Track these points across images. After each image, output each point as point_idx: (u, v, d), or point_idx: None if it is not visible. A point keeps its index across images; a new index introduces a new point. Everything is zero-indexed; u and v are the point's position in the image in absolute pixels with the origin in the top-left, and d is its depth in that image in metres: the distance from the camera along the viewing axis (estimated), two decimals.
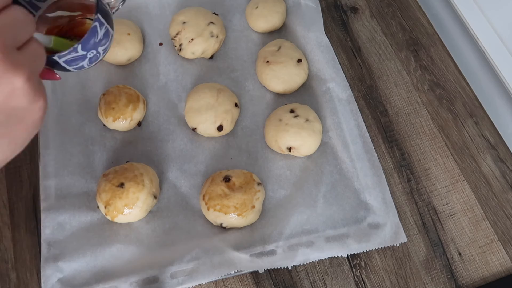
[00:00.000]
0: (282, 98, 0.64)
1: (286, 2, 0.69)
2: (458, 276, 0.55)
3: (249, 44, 0.68)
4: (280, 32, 0.69)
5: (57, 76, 0.43)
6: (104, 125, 0.61)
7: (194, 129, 0.60)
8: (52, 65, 0.42)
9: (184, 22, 0.65)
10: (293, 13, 0.68)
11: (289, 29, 0.68)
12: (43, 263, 0.52)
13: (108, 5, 0.45)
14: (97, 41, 0.42)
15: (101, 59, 0.45)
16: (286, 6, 0.69)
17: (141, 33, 0.67)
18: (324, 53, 0.64)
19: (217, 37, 0.65)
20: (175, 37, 0.65)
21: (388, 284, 0.55)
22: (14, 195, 0.58)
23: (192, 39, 0.64)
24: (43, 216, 0.54)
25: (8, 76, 0.31)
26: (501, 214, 0.59)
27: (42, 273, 0.51)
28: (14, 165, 0.60)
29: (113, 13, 0.48)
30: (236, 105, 0.61)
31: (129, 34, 0.64)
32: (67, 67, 0.43)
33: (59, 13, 0.46)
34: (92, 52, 0.42)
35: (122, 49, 0.63)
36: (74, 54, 0.41)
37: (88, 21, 0.46)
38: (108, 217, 0.54)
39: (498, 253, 0.57)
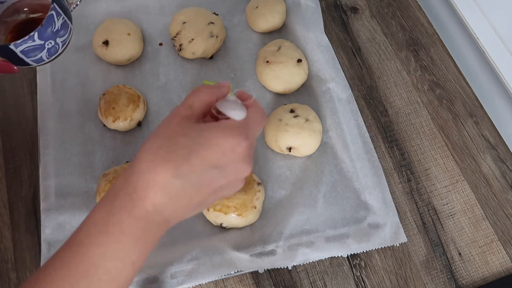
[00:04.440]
0: (282, 98, 0.64)
1: (286, 2, 0.69)
2: (458, 276, 0.55)
3: (249, 44, 0.68)
4: (280, 32, 0.69)
5: (15, 68, 0.43)
6: (104, 125, 0.61)
7: None
8: (9, 57, 0.41)
9: (184, 22, 0.65)
10: (293, 13, 0.68)
11: (289, 29, 0.68)
12: (43, 263, 0.52)
13: (67, 1, 0.45)
14: (54, 30, 0.41)
15: (61, 53, 0.44)
16: (286, 6, 0.69)
17: (141, 33, 0.67)
18: (324, 53, 0.64)
19: (217, 37, 0.65)
20: (175, 37, 0.65)
21: (388, 284, 0.55)
22: (14, 195, 0.58)
23: (192, 39, 0.64)
24: (43, 216, 0.54)
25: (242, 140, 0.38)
26: (501, 214, 0.59)
27: None
28: (14, 165, 0.60)
29: (72, 10, 0.47)
30: None
31: (129, 34, 0.64)
32: (25, 59, 0.42)
33: (17, 16, 0.46)
34: (51, 43, 0.42)
35: (122, 49, 0.63)
36: (31, 43, 0.40)
37: None
38: None
39: (498, 253, 0.57)
